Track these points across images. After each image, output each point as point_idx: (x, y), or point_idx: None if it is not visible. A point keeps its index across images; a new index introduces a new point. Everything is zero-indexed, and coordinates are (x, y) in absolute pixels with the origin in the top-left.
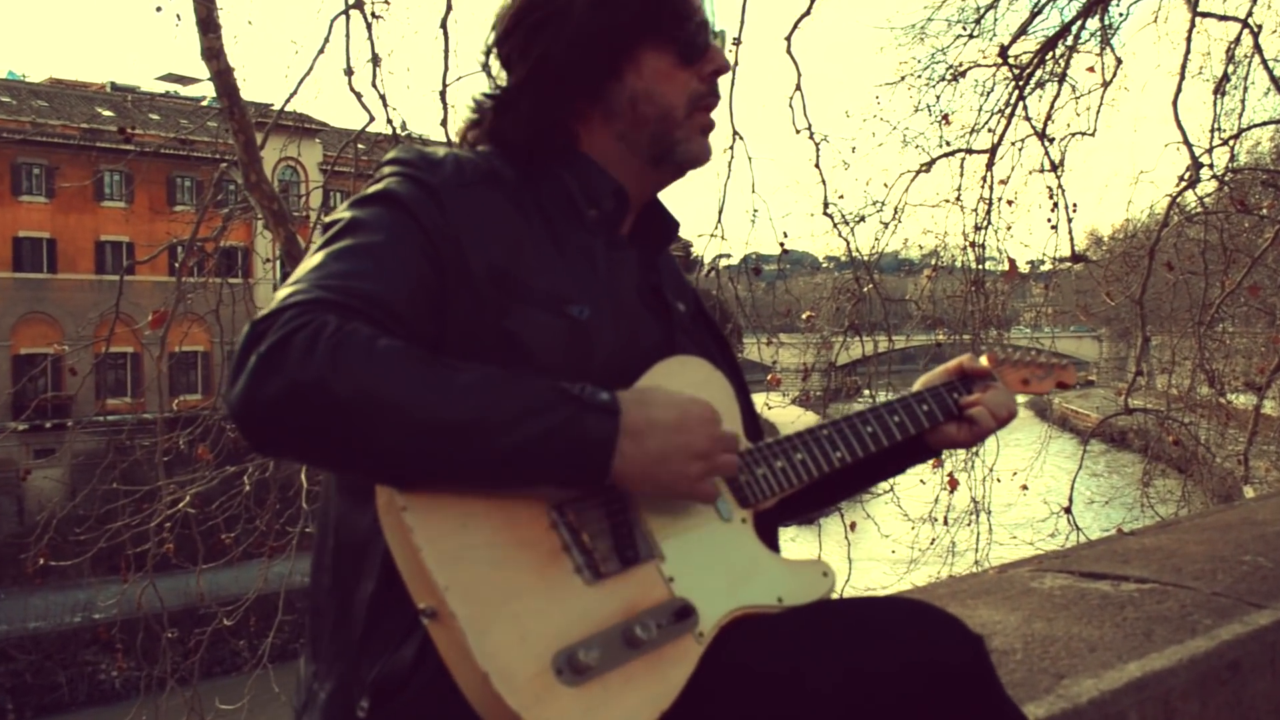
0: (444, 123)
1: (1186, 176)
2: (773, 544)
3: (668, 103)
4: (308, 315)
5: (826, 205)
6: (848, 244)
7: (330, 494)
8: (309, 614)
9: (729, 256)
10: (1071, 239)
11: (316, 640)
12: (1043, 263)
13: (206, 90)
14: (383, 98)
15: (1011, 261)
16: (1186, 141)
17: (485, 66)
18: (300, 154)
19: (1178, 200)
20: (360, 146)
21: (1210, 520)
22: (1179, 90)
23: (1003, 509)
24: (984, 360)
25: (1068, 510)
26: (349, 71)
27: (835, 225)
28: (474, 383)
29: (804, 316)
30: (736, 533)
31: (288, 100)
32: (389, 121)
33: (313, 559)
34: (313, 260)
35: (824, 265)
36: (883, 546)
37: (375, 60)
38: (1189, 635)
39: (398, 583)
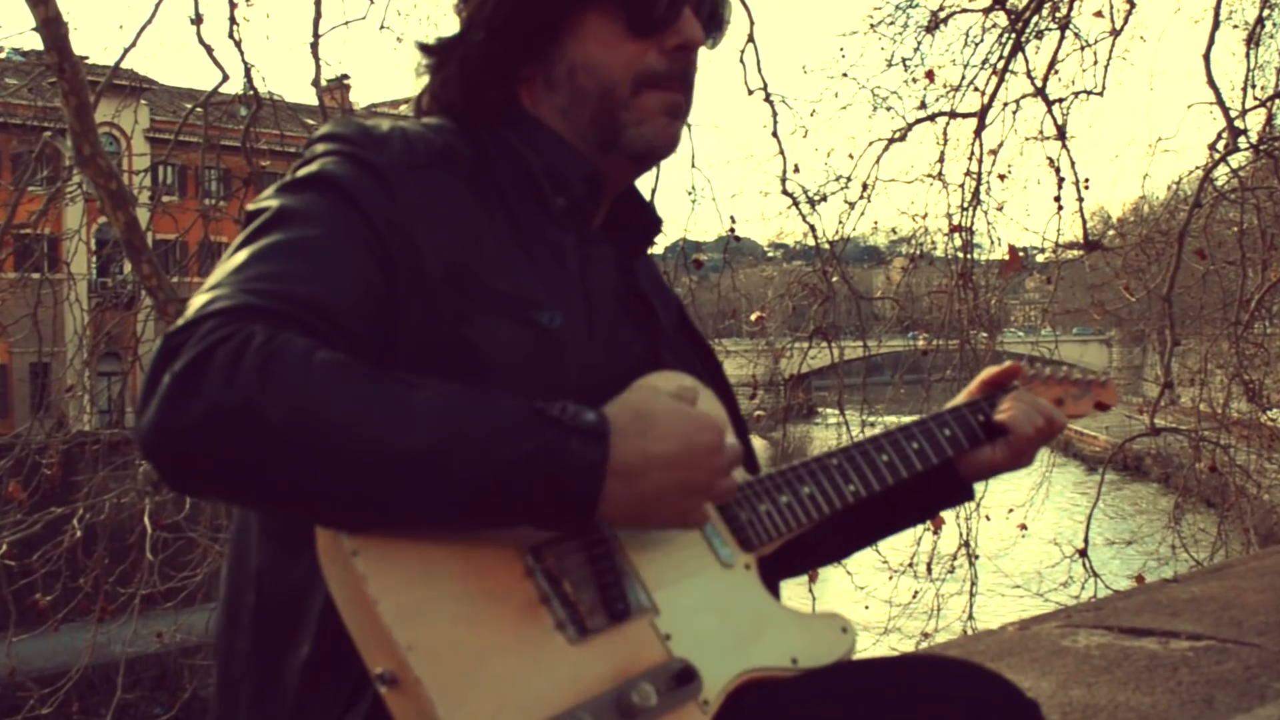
0: (315, 81)
1: (1222, 146)
2: (775, 595)
3: (609, 77)
4: (231, 326)
5: (785, 181)
6: (812, 228)
7: (250, 538)
8: (219, 686)
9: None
10: (1084, 221)
11: (227, 717)
12: (1041, 250)
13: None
14: (239, 45)
15: (1011, 249)
16: (1221, 103)
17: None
18: (124, 118)
19: (1211, 174)
20: (199, 110)
21: (1270, 563)
22: (1211, 40)
23: (997, 554)
24: (1006, 364)
25: (1083, 554)
26: (197, 19)
27: (796, 205)
28: (433, 402)
29: (752, 318)
30: (740, 581)
31: (125, 54)
32: (246, 79)
33: (222, 619)
34: (234, 259)
35: (770, 254)
36: (852, 601)
37: (232, 6)
38: (1257, 702)
39: (338, 646)
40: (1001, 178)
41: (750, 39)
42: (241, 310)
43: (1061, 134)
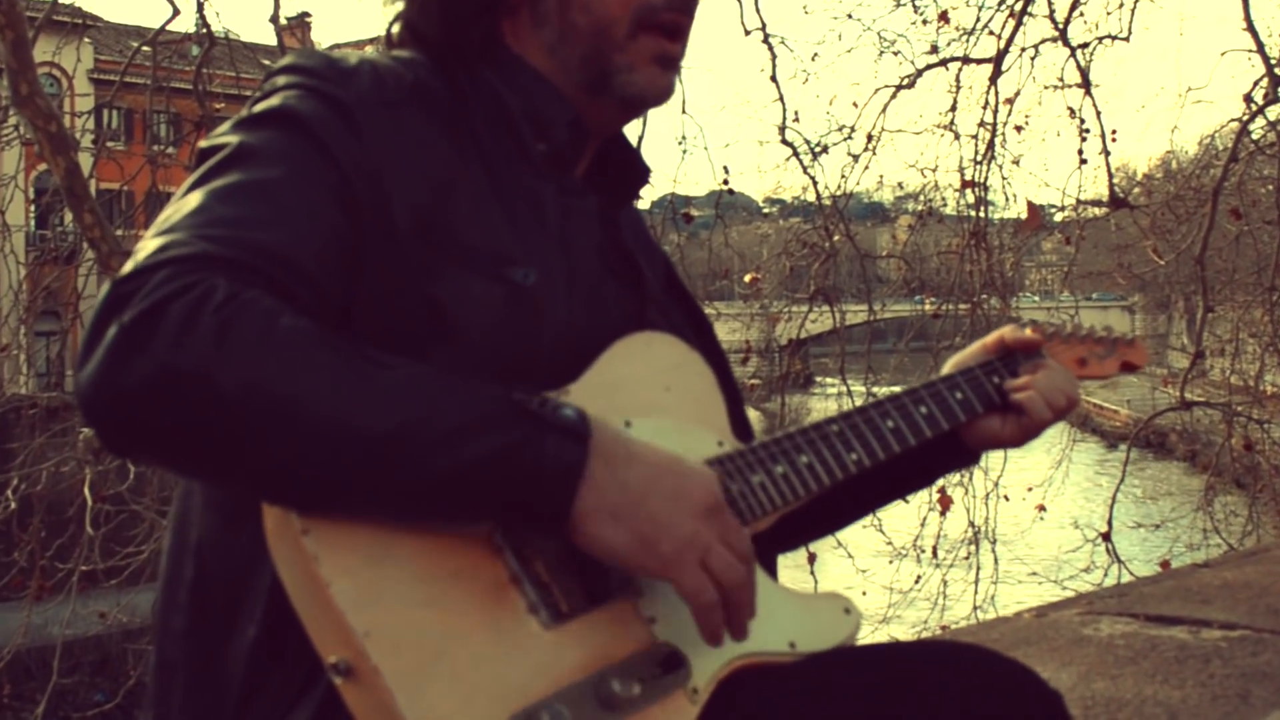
0: (274, 18)
1: (1260, 96)
2: (772, 573)
3: (605, 14)
4: (189, 276)
5: (784, 130)
6: (813, 181)
7: (191, 507)
8: (155, 669)
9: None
10: (1110, 176)
11: (163, 704)
12: (1061, 208)
13: None
14: None
15: (1030, 206)
16: (1260, 49)
17: None
18: (65, 57)
19: (1248, 126)
20: (147, 49)
21: None
22: None
23: (1013, 537)
24: (1028, 333)
25: (1106, 538)
26: None
27: (796, 156)
28: (402, 384)
29: (746, 279)
30: None
31: None
32: (199, 15)
33: (160, 596)
34: (188, 200)
35: (766, 210)
36: (847, 586)
37: None
38: None
39: (287, 627)
40: (1018, 129)
41: None
42: (200, 259)
43: (1085, 82)
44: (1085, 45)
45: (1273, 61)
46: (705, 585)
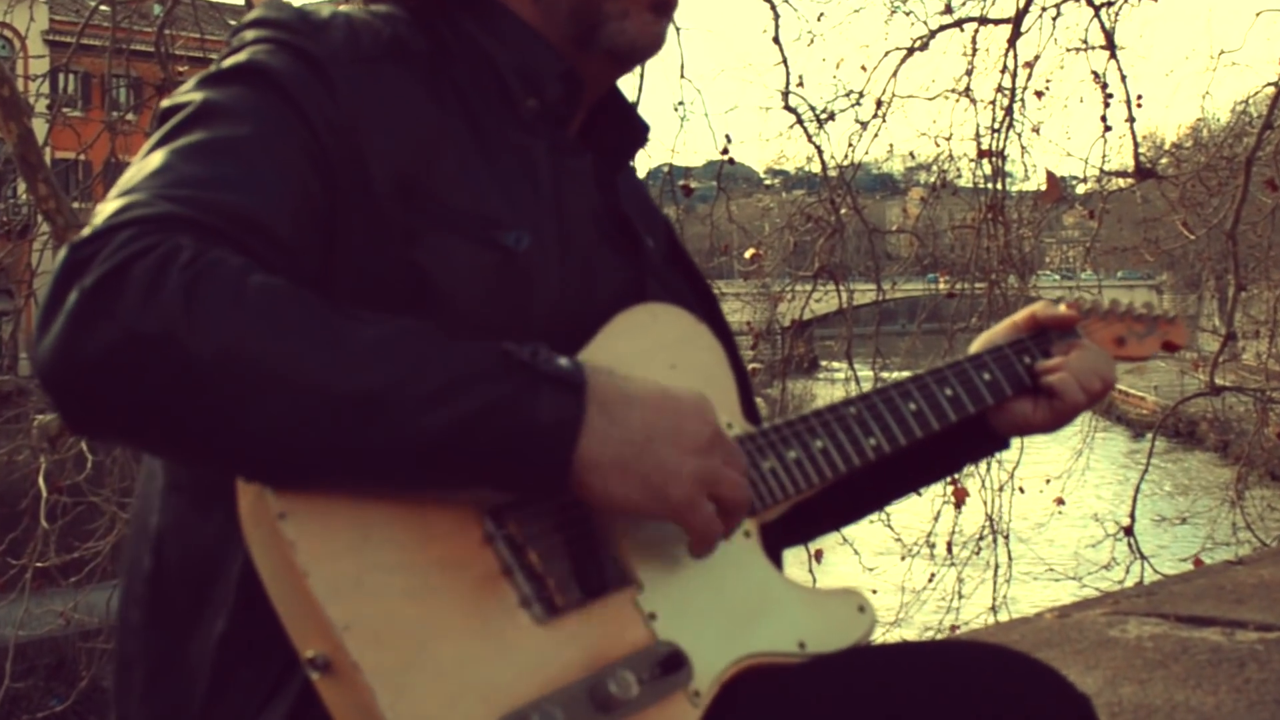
0: None
1: None
2: (779, 566)
3: None
4: (152, 237)
5: (788, 95)
6: (819, 151)
7: (152, 492)
8: (116, 668)
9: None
10: (1135, 144)
11: (123, 703)
12: (1083, 179)
13: None
14: None
15: (1050, 176)
16: None
17: None
18: (18, 16)
19: None
20: (106, 9)
21: None
22: None
23: (1029, 533)
24: (1063, 310)
25: (1129, 532)
26: None
27: (801, 123)
28: (384, 340)
29: (746, 255)
30: (738, 552)
31: None
32: None
33: (122, 588)
34: (150, 161)
35: (768, 182)
36: (859, 584)
37: None
38: None
39: (260, 618)
40: (1038, 94)
41: None
42: (163, 219)
43: (1110, 44)
44: (1110, 4)
45: None
46: (712, 522)
